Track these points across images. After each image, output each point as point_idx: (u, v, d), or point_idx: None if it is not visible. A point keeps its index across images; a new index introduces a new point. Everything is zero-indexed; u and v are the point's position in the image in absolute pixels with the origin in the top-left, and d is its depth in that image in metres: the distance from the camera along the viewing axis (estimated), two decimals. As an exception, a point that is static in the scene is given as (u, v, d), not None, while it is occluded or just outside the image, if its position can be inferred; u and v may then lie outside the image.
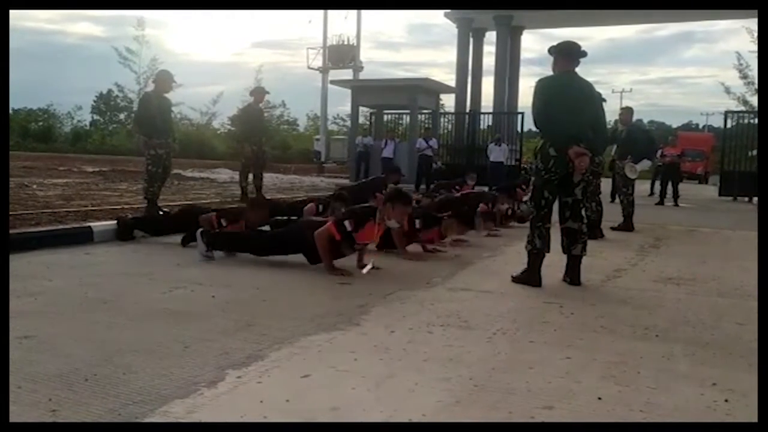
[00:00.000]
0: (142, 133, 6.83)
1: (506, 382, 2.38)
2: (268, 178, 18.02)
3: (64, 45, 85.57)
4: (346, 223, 4.41)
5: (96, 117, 51.07)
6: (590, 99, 4.38)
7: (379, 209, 4.56)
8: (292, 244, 4.67)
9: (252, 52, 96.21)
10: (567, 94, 4.21)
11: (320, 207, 6.22)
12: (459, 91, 23.29)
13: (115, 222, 5.78)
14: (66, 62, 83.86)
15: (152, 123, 6.70)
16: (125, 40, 52.78)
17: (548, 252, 4.29)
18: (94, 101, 50.56)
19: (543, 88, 4.25)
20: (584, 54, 4.33)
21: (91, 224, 5.71)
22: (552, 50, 4.36)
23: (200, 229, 4.96)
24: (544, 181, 4.24)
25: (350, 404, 2.11)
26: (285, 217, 6.37)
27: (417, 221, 5.42)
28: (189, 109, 40.33)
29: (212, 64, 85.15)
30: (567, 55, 4.31)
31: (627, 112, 8.25)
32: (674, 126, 67.68)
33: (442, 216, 5.71)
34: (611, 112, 8.85)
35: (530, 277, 4.25)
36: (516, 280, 4.33)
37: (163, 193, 10.43)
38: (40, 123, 47.76)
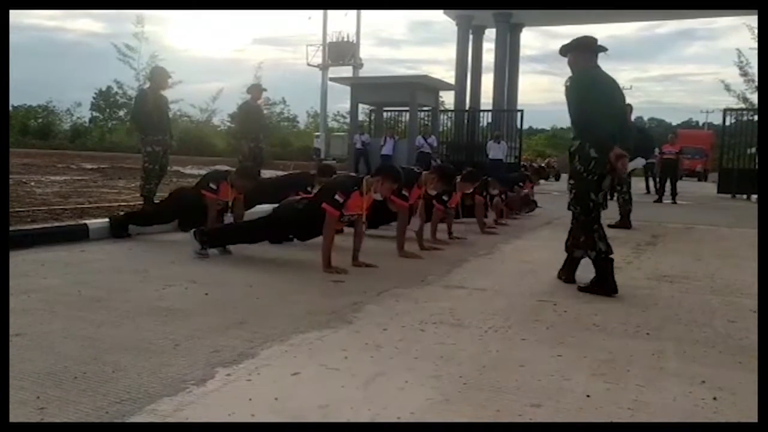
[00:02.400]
0: (139, 131, 6.84)
1: (496, 380, 2.38)
2: (266, 175, 18.09)
3: (64, 41, 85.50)
4: (337, 196, 4.46)
5: (95, 114, 50.99)
6: (619, 94, 4.13)
7: (366, 180, 4.64)
8: (284, 220, 4.90)
9: (253, 49, 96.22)
10: (600, 90, 3.98)
11: (309, 188, 6.21)
12: (458, 88, 23.29)
13: (108, 220, 5.79)
14: (66, 59, 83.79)
15: (149, 120, 6.69)
16: (125, 36, 52.64)
17: (612, 254, 4.03)
18: (94, 98, 50.47)
19: (577, 85, 4.03)
20: (603, 48, 4.09)
21: (87, 222, 5.72)
22: (570, 47, 4.12)
23: (193, 229, 4.96)
24: (588, 184, 4.00)
25: (339, 403, 2.11)
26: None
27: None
28: (189, 106, 40.30)
29: (213, 61, 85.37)
30: (588, 49, 4.08)
31: (624, 109, 8.22)
32: (674, 123, 67.58)
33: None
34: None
35: (604, 285, 3.96)
36: (585, 289, 4.01)
37: (161, 190, 10.46)
38: (39, 120, 47.67)
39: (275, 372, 2.39)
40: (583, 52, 4.09)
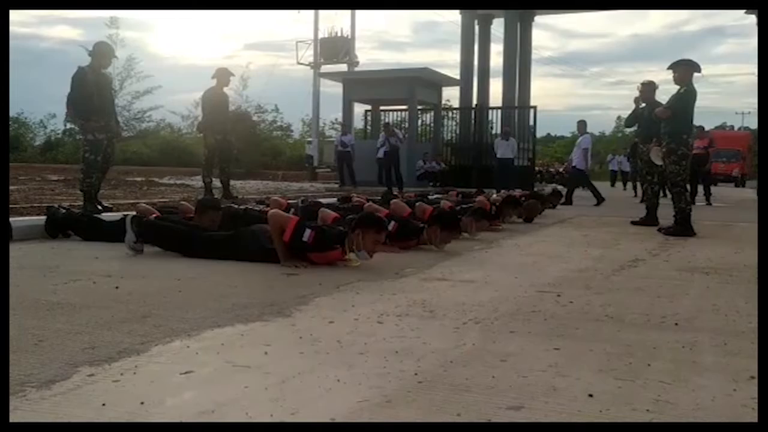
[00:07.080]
0: (79, 116, 6.39)
1: (464, 377, 1.89)
2: (254, 184, 17.66)
3: (38, 50, 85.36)
4: (307, 232, 3.90)
5: (70, 126, 50.90)
6: None
7: (347, 237, 4.01)
8: (244, 252, 4.15)
9: (245, 55, 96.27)
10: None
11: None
12: (464, 84, 22.68)
13: (45, 215, 5.29)
14: (40, 68, 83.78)
15: (89, 103, 6.25)
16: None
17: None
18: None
19: (692, 96, 6.48)
20: (699, 69, 6.49)
21: (12, 219, 5.25)
22: (681, 63, 6.46)
23: (131, 215, 4.48)
24: (677, 169, 6.58)
25: (229, 406, 1.62)
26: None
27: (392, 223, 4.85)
28: (170, 113, 39.97)
29: (201, 68, 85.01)
30: (693, 69, 6.45)
31: (647, 87, 7.67)
32: (707, 128, 66.75)
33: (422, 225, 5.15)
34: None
35: (684, 228, 6.35)
36: (667, 232, 6.42)
37: (126, 196, 10.02)
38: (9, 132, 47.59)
39: (159, 371, 1.90)
40: (689, 69, 6.41)
